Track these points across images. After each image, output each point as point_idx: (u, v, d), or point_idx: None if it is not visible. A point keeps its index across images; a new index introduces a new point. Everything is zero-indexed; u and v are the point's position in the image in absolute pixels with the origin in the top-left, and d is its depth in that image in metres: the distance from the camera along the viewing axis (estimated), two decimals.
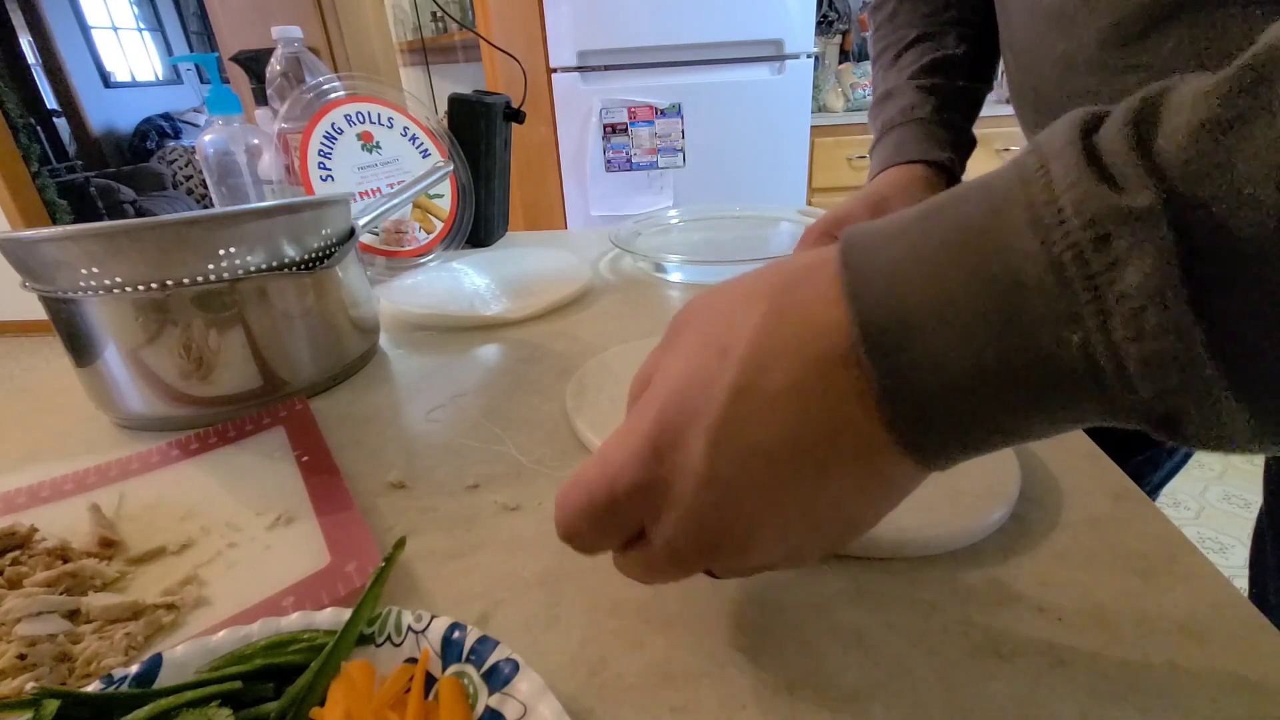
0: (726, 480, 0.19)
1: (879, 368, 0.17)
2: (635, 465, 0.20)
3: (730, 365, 0.19)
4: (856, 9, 2.28)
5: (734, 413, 0.18)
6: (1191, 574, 0.27)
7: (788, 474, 0.18)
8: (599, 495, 0.21)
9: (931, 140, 0.49)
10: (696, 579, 0.28)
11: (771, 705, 0.23)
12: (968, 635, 0.25)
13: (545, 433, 0.40)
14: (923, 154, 0.48)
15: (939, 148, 0.49)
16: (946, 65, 0.52)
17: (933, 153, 0.48)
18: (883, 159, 0.50)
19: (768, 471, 0.19)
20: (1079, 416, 0.16)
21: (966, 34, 0.53)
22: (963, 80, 0.52)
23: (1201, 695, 0.22)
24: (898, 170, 0.47)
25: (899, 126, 0.50)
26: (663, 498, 0.20)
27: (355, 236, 0.51)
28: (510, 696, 0.21)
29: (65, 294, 0.40)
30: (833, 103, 2.15)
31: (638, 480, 0.20)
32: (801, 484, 0.19)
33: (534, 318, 0.59)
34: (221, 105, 0.76)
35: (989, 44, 0.54)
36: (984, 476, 0.32)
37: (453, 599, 0.28)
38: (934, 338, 0.16)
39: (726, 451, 0.19)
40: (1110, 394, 0.15)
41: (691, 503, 0.19)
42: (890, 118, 0.51)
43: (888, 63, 0.54)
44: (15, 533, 0.31)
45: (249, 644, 0.23)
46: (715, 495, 0.19)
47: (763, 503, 0.19)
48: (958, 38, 0.53)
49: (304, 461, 0.38)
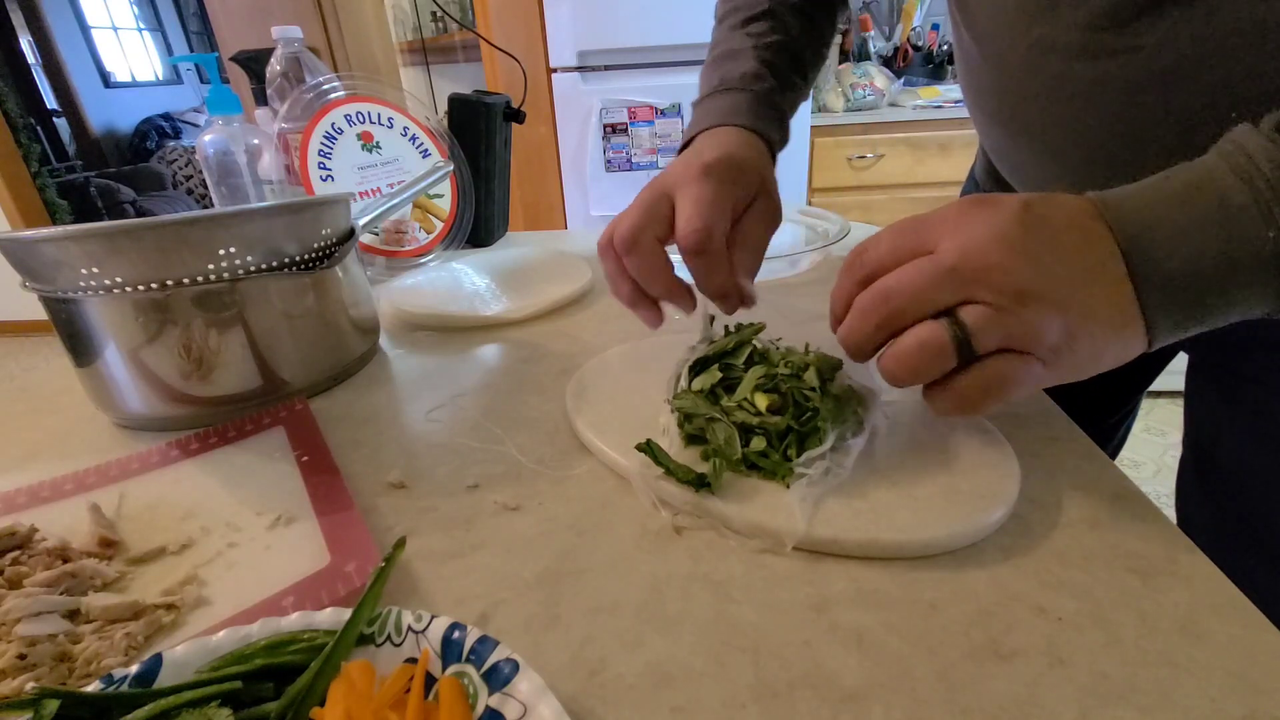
0: (1025, 231, 0.27)
1: (1136, 259, 0.26)
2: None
3: (1014, 202, 0.28)
4: (856, 9, 2.28)
5: (1038, 200, 0.27)
6: (1191, 574, 0.27)
7: (1067, 251, 0.26)
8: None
9: (770, 118, 0.48)
10: (696, 580, 0.28)
11: (771, 705, 0.23)
12: (968, 635, 0.25)
13: (545, 433, 0.40)
14: (764, 129, 0.47)
15: (775, 128, 0.48)
16: (788, 50, 0.52)
17: (771, 130, 0.48)
18: (719, 114, 0.47)
19: (1071, 238, 0.26)
20: (1265, 294, 0.25)
21: (808, 26, 0.53)
22: (797, 76, 0.52)
23: (1201, 695, 0.22)
24: (734, 132, 0.45)
25: (741, 91, 0.48)
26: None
27: (355, 236, 0.51)
28: (510, 696, 0.21)
29: (65, 294, 0.40)
30: (833, 103, 2.15)
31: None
32: (1072, 281, 0.26)
33: (534, 318, 0.59)
34: (221, 105, 0.76)
35: (819, 46, 0.55)
36: (984, 476, 0.32)
37: (453, 599, 0.28)
38: (1175, 242, 0.25)
39: (1033, 212, 0.27)
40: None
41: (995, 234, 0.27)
42: (731, 78, 0.49)
43: (735, 24, 0.53)
44: (15, 533, 0.31)
45: (249, 644, 0.23)
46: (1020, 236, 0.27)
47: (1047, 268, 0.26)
48: (801, 29, 0.53)
49: (304, 461, 0.38)
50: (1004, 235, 0.27)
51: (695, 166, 0.39)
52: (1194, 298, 0.26)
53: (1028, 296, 0.26)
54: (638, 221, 0.39)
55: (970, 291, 0.27)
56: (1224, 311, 0.26)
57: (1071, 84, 0.37)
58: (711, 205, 0.38)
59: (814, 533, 0.29)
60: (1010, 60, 0.40)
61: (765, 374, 0.35)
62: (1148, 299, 0.26)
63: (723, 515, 0.31)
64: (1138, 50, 0.33)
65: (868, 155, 2.05)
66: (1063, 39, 0.36)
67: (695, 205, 0.38)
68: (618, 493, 0.34)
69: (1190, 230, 0.25)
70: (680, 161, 0.42)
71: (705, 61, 0.54)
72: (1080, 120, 0.37)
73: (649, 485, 0.33)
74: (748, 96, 0.48)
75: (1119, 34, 0.33)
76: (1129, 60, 0.33)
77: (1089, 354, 0.27)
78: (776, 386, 0.35)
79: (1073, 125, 0.38)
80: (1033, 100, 0.40)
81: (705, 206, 0.38)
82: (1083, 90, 0.36)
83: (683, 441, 0.35)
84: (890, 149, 2.04)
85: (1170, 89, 0.33)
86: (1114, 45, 0.34)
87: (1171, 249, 0.25)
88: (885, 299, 0.29)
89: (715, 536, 0.31)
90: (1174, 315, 0.26)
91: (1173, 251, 0.25)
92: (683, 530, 0.31)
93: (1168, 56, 0.32)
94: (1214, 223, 0.25)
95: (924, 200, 2.09)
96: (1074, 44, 0.35)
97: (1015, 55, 0.39)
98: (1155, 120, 0.34)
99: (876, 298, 0.29)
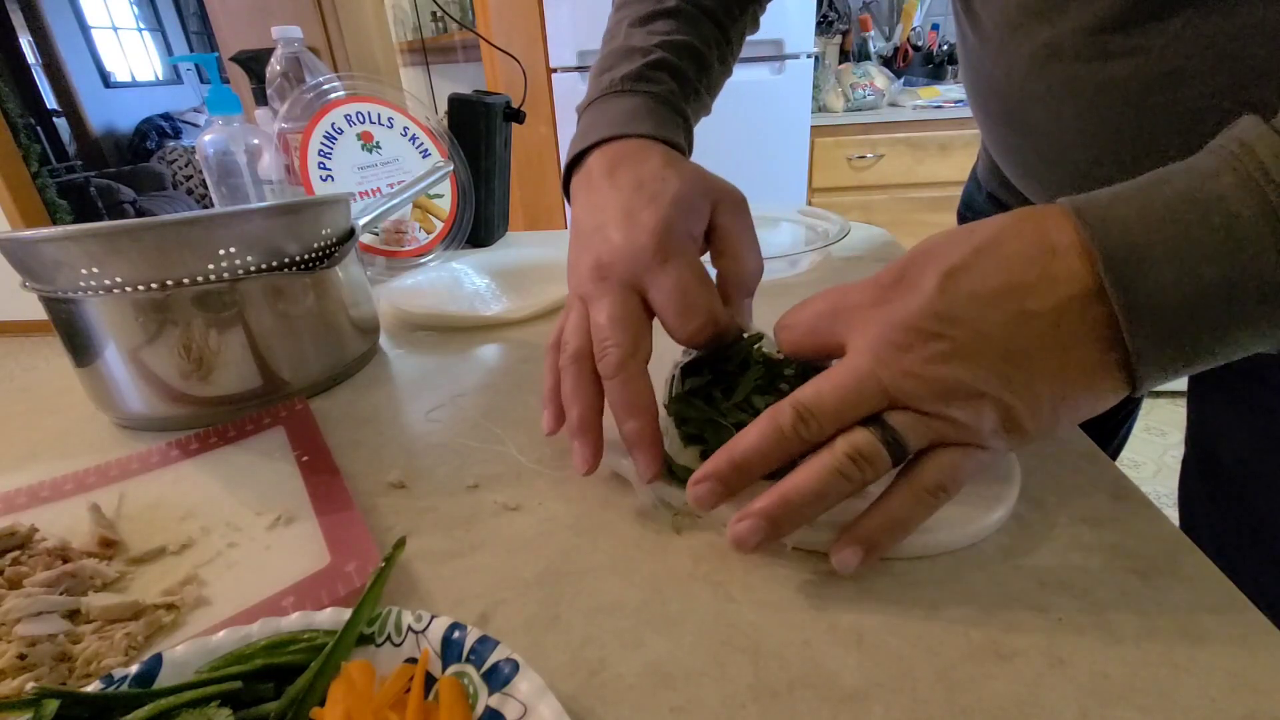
0: (955, 313, 0.24)
1: (1120, 292, 0.22)
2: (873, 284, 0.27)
3: (966, 243, 0.25)
4: (856, 9, 2.28)
5: (971, 260, 0.25)
6: (1191, 574, 0.27)
7: (1017, 324, 0.24)
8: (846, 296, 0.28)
9: (675, 125, 0.42)
10: (696, 580, 0.28)
11: (771, 705, 0.23)
12: (968, 635, 0.25)
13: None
14: (670, 136, 0.40)
15: (681, 135, 0.43)
16: (693, 54, 0.45)
17: (678, 138, 0.42)
18: (616, 121, 0.40)
19: (998, 313, 0.24)
20: (1274, 328, 0.22)
21: (717, 35, 0.48)
22: (702, 85, 0.47)
23: (1201, 695, 0.22)
24: (640, 147, 0.39)
25: (641, 94, 0.42)
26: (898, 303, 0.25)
27: (355, 236, 0.51)
28: (510, 696, 0.21)
29: (65, 294, 0.40)
30: (833, 103, 2.15)
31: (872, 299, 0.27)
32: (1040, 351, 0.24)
33: (534, 318, 0.59)
34: (221, 105, 0.76)
35: (726, 57, 0.50)
36: (984, 477, 0.32)
37: (453, 599, 0.28)
38: (1165, 268, 0.21)
39: (958, 286, 0.24)
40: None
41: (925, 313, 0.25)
42: (626, 78, 0.42)
43: (634, 19, 0.46)
44: (15, 533, 0.31)
45: (249, 644, 0.23)
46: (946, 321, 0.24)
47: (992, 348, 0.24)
48: (710, 35, 0.47)
49: (304, 461, 0.38)
50: (916, 329, 0.25)
51: (644, 242, 0.33)
52: (1187, 335, 0.22)
53: (951, 395, 0.24)
54: (626, 336, 0.32)
55: (890, 400, 0.25)
56: (1220, 351, 0.23)
57: (1078, 86, 0.36)
58: (700, 289, 0.33)
59: (814, 533, 0.29)
60: (1015, 62, 0.40)
61: (762, 375, 0.35)
62: (1137, 338, 0.22)
63: (723, 515, 0.31)
64: (1145, 52, 0.33)
65: (868, 155, 2.05)
66: (1069, 42, 0.35)
67: (682, 296, 0.32)
68: (618, 493, 0.34)
69: (1186, 256, 0.21)
70: (607, 215, 0.35)
71: (596, 58, 0.47)
72: (1087, 121, 0.37)
73: (649, 485, 0.33)
74: (648, 100, 0.42)
75: (1126, 37, 0.33)
76: (1136, 62, 0.33)
77: (1045, 423, 0.25)
78: (775, 385, 0.35)
79: (1079, 127, 0.38)
80: (1038, 102, 0.39)
81: (695, 295, 0.33)
82: (1089, 92, 0.36)
83: (682, 442, 0.35)
84: (890, 149, 2.04)
85: (1178, 91, 0.33)
86: (1121, 47, 0.33)
87: (1164, 279, 0.22)
88: (803, 421, 0.26)
89: (715, 536, 0.31)
90: (1161, 357, 0.23)
91: (1165, 282, 0.22)
92: (683, 530, 0.31)
93: (1175, 59, 0.32)
94: (1212, 242, 0.21)
95: (924, 200, 2.09)
96: (1080, 47, 0.35)
97: (1021, 57, 0.39)
98: (1163, 122, 0.34)
99: (794, 419, 0.26)
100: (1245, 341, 0.22)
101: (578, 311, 0.35)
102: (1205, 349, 0.22)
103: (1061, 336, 0.23)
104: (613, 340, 0.32)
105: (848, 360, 0.26)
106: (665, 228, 0.34)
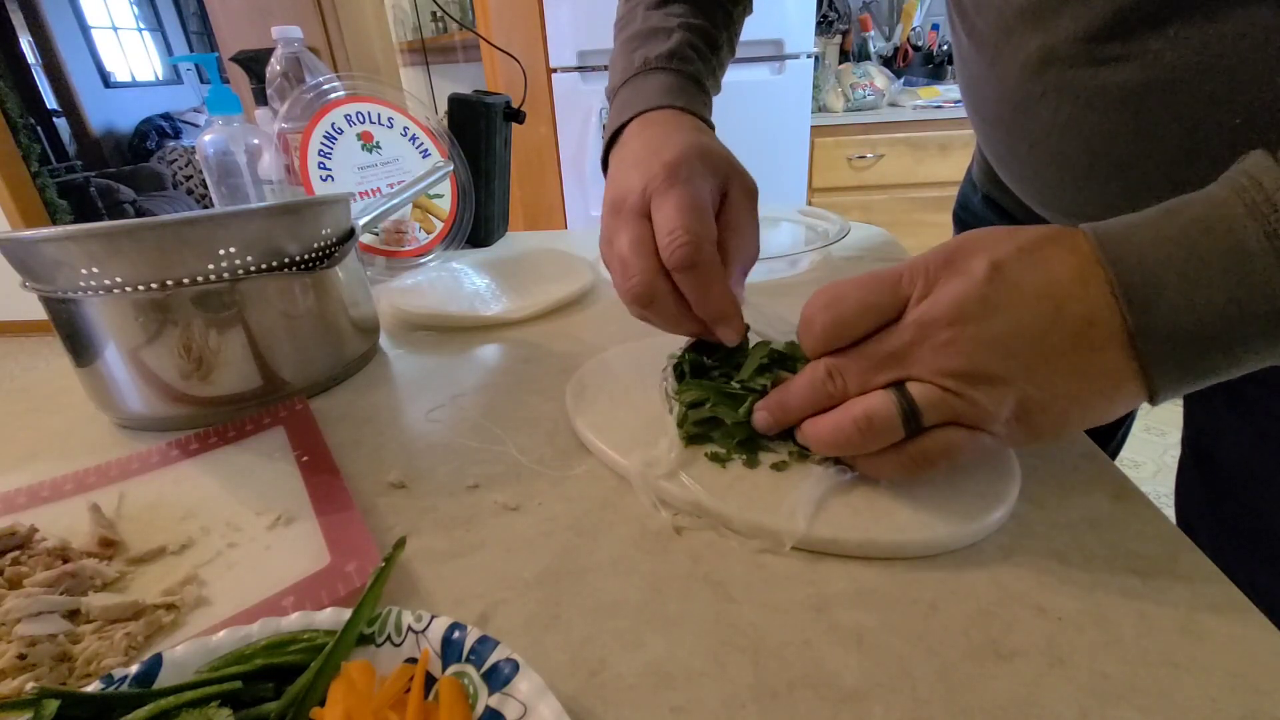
0: (998, 296, 0.25)
1: (1134, 312, 0.24)
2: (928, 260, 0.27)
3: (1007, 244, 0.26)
4: (856, 9, 2.28)
5: (1018, 256, 0.26)
6: (1191, 574, 0.27)
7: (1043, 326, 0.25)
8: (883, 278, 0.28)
9: (702, 102, 0.45)
10: (696, 580, 0.28)
11: (771, 705, 0.23)
12: (968, 635, 0.25)
13: (545, 433, 0.40)
14: (701, 111, 0.43)
15: (707, 111, 0.45)
16: (708, 37, 0.48)
17: (705, 114, 0.44)
18: (650, 96, 0.43)
19: (1038, 308, 0.25)
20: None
21: (724, 19, 0.50)
22: (716, 64, 0.49)
23: (1201, 695, 0.22)
24: (673, 116, 0.42)
25: (673, 72, 0.44)
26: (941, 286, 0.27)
27: (355, 236, 0.51)
28: (510, 696, 0.21)
29: (65, 294, 0.40)
30: (833, 103, 2.15)
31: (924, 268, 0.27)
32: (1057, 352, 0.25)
33: (534, 318, 0.59)
34: (221, 105, 0.76)
35: (732, 41, 0.52)
36: (984, 476, 0.32)
37: (453, 599, 0.28)
38: (1176, 292, 0.23)
39: (1006, 274, 0.26)
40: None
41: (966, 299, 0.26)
42: (659, 56, 0.45)
43: (652, 3, 0.49)
44: (15, 533, 0.31)
45: (249, 644, 0.23)
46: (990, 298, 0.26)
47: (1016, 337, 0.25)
48: (720, 20, 0.50)
49: (304, 461, 0.38)
50: (962, 312, 0.26)
51: (656, 170, 0.36)
52: (1197, 356, 0.24)
53: (977, 379, 0.26)
54: (693, 227, 0.34)
55: (919, 370, 0.27)
56: (1230, 370, 0.24)
57: (1073, 92, 0.36)
58: (691, 210, 0.35)
59: (814, 533, 0.29)
60: (1011, 68, 0.40)
61: (766, 354, 0.35)
62: (1150, 357, 0.24)
63: (723, 515, 0.31)
64: (1139, 59, 0.33)
65: (868, 155, 2.05)
66: (1063, 48, 0.35)
67: (676, 214, 0.34)
68: (618, 493, 0.34)
69: (1198, 279, 0.23)
70: (631, 163, 0.38)
71: (618, 41, 0.49)
72: (1083, 127, 0.37)
73: (649, 485, 0.33)
74: (678, 78, 0.44)
75: (1120, 44, 0.33)
76: (1130, 69, 0.33)
77: (1055, 419, 0.26)
78: (780, 360, 0.35)
79: (1075, 132, 0.38)
80: (1034, 107, 0.39)
81: (686, 214, 0.34)
82: (1085, 98, 0.36)
83: (683, 442, 0.35)
84: (890, 149, 2.04)
85: (1175, 96, 0.33)
86: (1114, 54, 0.33)
87: (1176, 300, 0.23)
88: (830, 377, 0.29)
89: (715, 536, 0.31)
90: (1174, 374, 0.24)
91: (1177, 303, 0.23)
92: (683, 530, 0.31)
93: (1172, 64, 0.32)
94: (1223, 269, 0.23)
95: (924, 200, 2.09)
96: (1074, 53, 0.35)
97: (1016, 63, 0.39)
98: (1160, 127, 0.34)
99: (825, 373, 0.29)
100: (1254, 359, 0.24)
101: (608, 244, 0.38)
102: (1214, 367, 0.24)
103: (1092, 338, 0.25)
104: (635, 268, 0.35)
105: (896, 330, 0.28)
106: (679, 161, 0.36)
